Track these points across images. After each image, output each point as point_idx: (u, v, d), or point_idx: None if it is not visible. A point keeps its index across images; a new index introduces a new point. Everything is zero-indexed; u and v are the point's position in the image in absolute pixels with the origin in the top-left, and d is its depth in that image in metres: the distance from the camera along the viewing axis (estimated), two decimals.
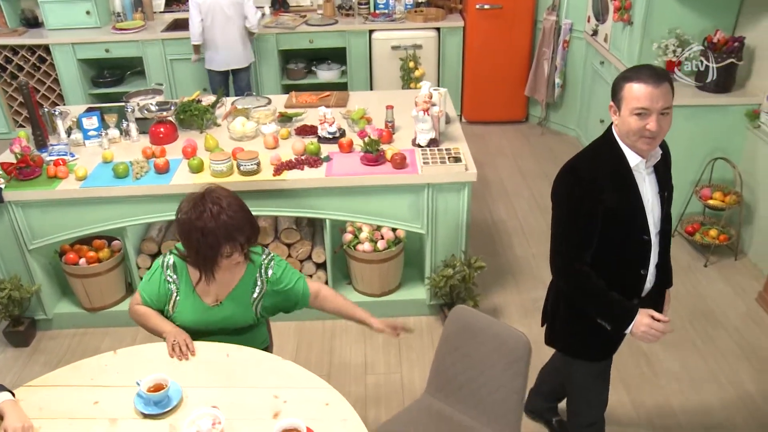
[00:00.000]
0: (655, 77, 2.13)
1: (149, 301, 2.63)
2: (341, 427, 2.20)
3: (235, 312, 2.58)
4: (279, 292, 2.63)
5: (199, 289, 2.57)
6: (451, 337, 2.69)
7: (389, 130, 3.85)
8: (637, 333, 2.32)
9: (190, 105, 4.08)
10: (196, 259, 2.46)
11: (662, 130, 2.20)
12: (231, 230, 2.38)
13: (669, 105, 2.17)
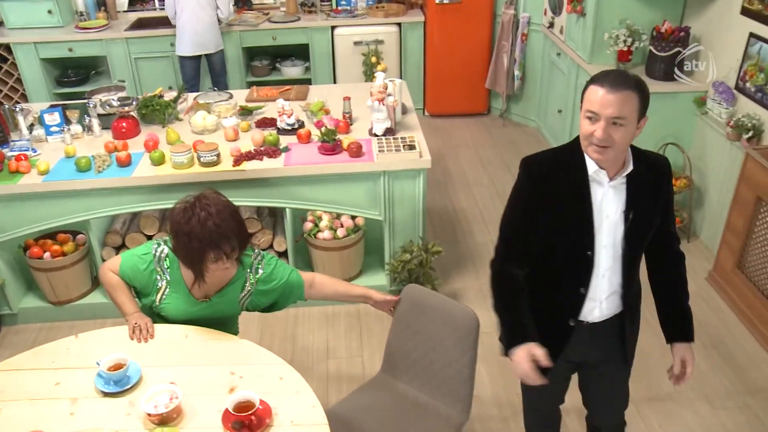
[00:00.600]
0: (615, 83, 1.96)
1: (127, 276, 2.66)
2: (294, 399, 2.30)
3: (222, 308, 2.66)
4: (271, 289, 2.69)
5: (190, 284, 2.62)
6: (404, 315, 2.78)
7: (346, 121, 3.96)
8: (514, 362, 2.19)
9: (152, 100, 4.15)
10: (184, 262, 2.53)
11: (614, 142, 1.99)
12: (216, 238, 2.40)
13: (623, 115, 1.96)
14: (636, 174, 2.13)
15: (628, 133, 2.01)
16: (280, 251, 3.99)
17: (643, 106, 2.03)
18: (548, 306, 2.31)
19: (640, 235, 2.21)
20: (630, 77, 2.02)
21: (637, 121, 2.02)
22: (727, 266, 4.14)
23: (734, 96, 4.26)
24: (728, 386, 3.53)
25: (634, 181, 2.14)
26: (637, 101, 1.99)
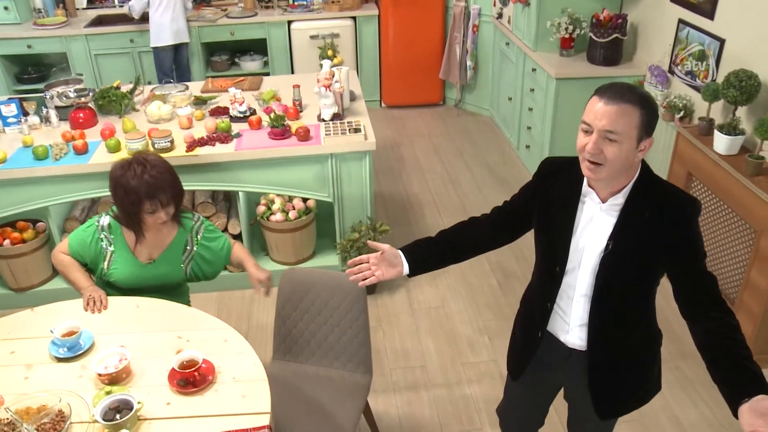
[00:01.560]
0: (615, 94, 1.82)
1: (76, 252, 2.85)
2: (237, 359, 2.46)
3: (166, 270, 2.84)
4: (211, 255, 2.90)
5: (133, 246, 2.81)
6: (288, 300, 2.86)
7: (296, 108, 4.11)
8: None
9: (108, 91, 4.27)
10: (123, 216, 2.72)
11: (605, 159, 1.84)
12: (152, 188, 2.63)
13: (616, 130, 1.81)
14: (636, 204, 1.95)
15: (623, 151, 1.83)
16: (235, 234, 4.14)
17: (647, 124, 1.84)
18: (526, 314, 2.34)
19: (620, 272, 2.00)
20: (635, 91, 1.85)
21: (636, 139, 1.83)
22: None
23: (668, 78, 4.49)
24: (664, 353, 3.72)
25: (630, 210, 1.95)
26: (638, 117, 1.81)
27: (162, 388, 2.34)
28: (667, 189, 1.97)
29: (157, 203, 2.65)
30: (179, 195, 2.77)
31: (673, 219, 1.93)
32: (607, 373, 2.17)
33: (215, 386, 2.34)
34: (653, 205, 1.93)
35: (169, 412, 2.24)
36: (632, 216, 1.95)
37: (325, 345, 2.88)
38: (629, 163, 1.87)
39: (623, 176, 1.92)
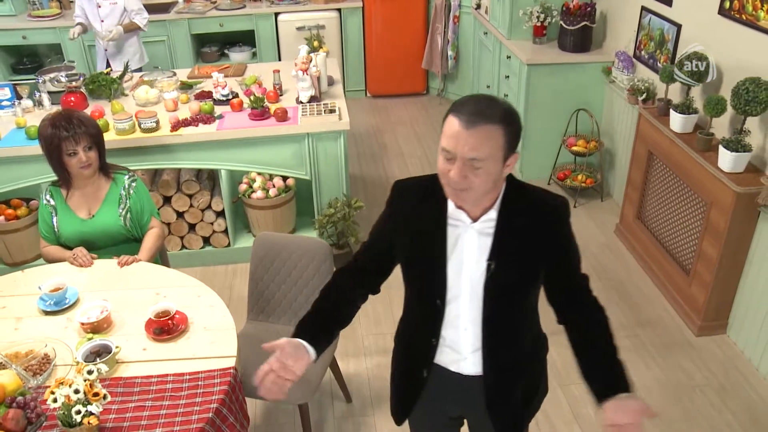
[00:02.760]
0: (474, 115, 1.64)
1: (47, 236, 3.16)
2: (208, 312, 2.68)
3: (106, 223, 3.12)
4: (135, 210, 3.18)
5: (72, 205, 3.11)
6: (261, 262, 3.07)
7: (276, 92, 4.33)
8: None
9: (98, 76, 4.49)
10: (52, 167, 3.04)
11: (471, 186, 1.69)
12: (69, 131, 2.95)
13: (481, 156, 1.64)
14: (509, 217, 1.82)
15: (490, 174, 1.69)
16: (218, 211, 4.35)
17: (511, 140, 1.69)
18: (407, 351, 2.14)
19: (508, 290, 1.87)
20: (495, 106, 1.67)
21: (502, 159, 1.69)
22: (630, 217, 4.58)
23: (633, 63, 4.70)
24: (622, 320, 3.95)
25: (505, 224, 1.82)
26: (502, 137, 1.66)
27: (139, 336, 2.55)
28: (535, 194, 1.88)
29: (73, 143, 2.96)
30: (99, 141, 3.09)
31: (547, 223, 1.84)
32: (504, 392, 2.03)
33: (187, 334, 2.56)
34: (525, 213, 1.83)
35: (145, 356, 2.46)
36: (507, 229, 1.82)
37: (294, 305, 3.09)
38: (494, 184, 1.75)
39: (492, 192, 1.78)
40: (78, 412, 2.01)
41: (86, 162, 3.02)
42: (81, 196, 3.13)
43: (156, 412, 2.22)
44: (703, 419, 3.27)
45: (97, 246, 3.14)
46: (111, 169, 3.20)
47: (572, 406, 3.36)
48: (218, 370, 2.37)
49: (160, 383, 2.34)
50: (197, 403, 2.25)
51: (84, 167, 3.03)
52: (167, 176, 4.27)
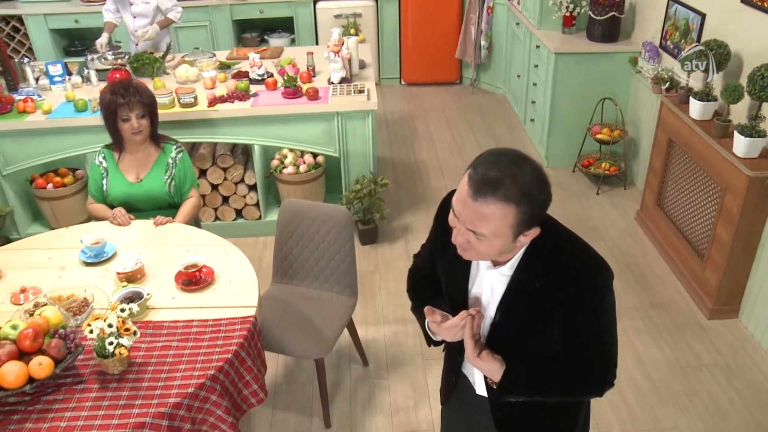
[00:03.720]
0: (485, 185, 1.48)
1: (96, 195, 3.39)
2: (233, 268, 2.89)
3: (152, 188, 3.34)
4: (179, 178, 3.40)
5: (123, 168, 3.34)
6: (286, 227, 3.26)
7: (309, 73, 4.53)
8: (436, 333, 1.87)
9: (142, 55, 4.75)
10: (108, 131, 3.27)
11: (474, 251, 1.61)
12: (125, 98, 3.19)
13: (482, 233, 1.53)
14: (528, 274, 1.68)
15: (494, 247, 1.58)
16: (251, 185, 4.57)
17: (527, 220, 1.53)
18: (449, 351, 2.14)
19: (512, 340, 1.77)
20: (513, 179, 1.48)
21: (512, 236, 1.56)
22: (650, 204, 4.68)
23: (659, 53, 4.78)
24: (636, 302, 4.07)
25: (520, 280, 1.69)
26: (514, 217, 1.51)
27: (169, 286, 2.77)
28: (569, 255, 1.67)
29: (127, 109, 3.20)
30: (153, 111, 3.32)
31: (567, 295, 1.64)
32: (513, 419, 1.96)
33: (213, 286, 2.77)
34: (548, 275, 1.66)
35: (173, 303, 2.68)
36: (521, 287, 1.69)
37: (316, 269, 3.28)
38: (509, 251, 1.64)
39: (507, 257, 1.68)
40: (110, 343, 2.23)
41: (138, 128, 3.25)
42: (131, 160, 3.37)
43: (180, 352, 2.43)
44: (706, 396, 3.38)
45: (140, 208, 3.37)
46: (161, 138, 3.43)
47: None
48: (239, 318, 2.57)
49: (186, 327, 2.55)
50: (218, 345, 2.45)
51: (135, 133, 3.26)
52: (203, 150, 4.50)
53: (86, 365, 2.38)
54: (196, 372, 2.33)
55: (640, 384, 3.45)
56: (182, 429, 2.26)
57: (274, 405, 3.38)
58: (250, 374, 2.51)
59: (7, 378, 2.15)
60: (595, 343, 1.72)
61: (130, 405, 2.22)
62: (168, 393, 2.25)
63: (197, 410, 2.30)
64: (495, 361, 1.75)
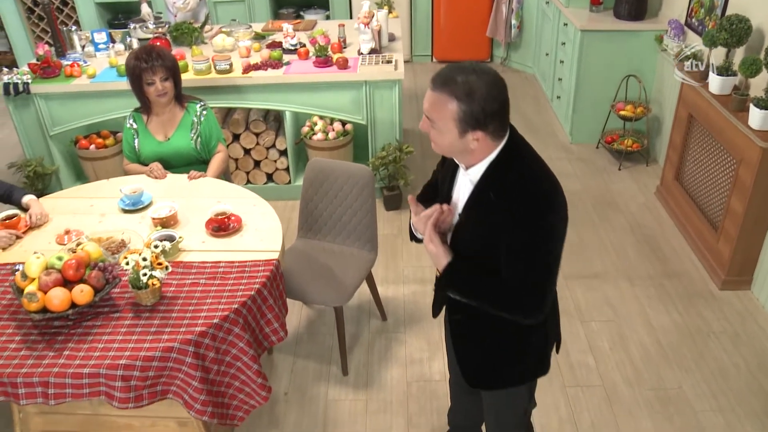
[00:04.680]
0: (438, 80, 1.77)
1: (129, 155, 3.66)
2: (261, 217, 3.09)
3: (179, 145, 3.57)
4: (205, 135, 3.63)
5: (151, 129, 3.58)
6: (311, 184, 3.44)
7: (340, 43, 4.70)
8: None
9: (181, 25, 4.97)
10: (135, 95, 3.51)
11: (432, 138, 1.85)
12: (148, 63, 3.40)
13: (431, 117, 1.80)
14: (487, 184, 1.88)
15: (445, 138, 1.81)
16: (281, 150, 4.77)
17: (466, 119, 1.75)
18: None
19: (467, 244, 1.98)
20: (460, 80, 1.73)
21: (458, 131, 1.78)
22: (669, 179, 4.77)
23: (684, 31, 4.85)
24: (650, 271, 4.18)
25: (481, 188, 1.89)
26: (454, 110, 1.74)
27: (199, 232, 2.99)
28: (522, 174, 1.85)
29: (151, 73, 3.41)
30: (175, 73, 3.54)
31: (513, 210, 1.81)
32: (464, 332, 2.18)
33: (240, 233, 2.97)
34: (501, 190, 1.84)
35: (203, 247, 2.89)
36: (481, 199, 1.89)
37: (339, 224, 3.47)
38: (462, 149, 1.84)
39: (469, 156, 1.87)
40: (144, 274, 2.44)
41: (162, 91, 3.47)
42: (159, 121, 3.59)
43: (207, 289, 2.64)
44: (713, 360, 3.49)
45: (171, 165, 3.60)
46: (186, 99, 3.65)
47: (589, 339, 3.63)
48: (263, 261, 2.77)
49: (213, 268, 2.76)
50: (242, 284, 2.65)
51: (160, 95, 3.48)
52: (237, 115, 4.71)
53: (122, 297, 2.61)
54: (221, 306, 2.53)
55: (648, 346, 3.57)
56: (207, 357, 2.47)
57: (295, 353, 3.58)
58: (272, 312, 2.70)
59: (53, 302, 2.38)
60: (526, 264, 1.85)
61: (160, 332, 2.43)
62: (195, 323, 2.46)
63: (221, 340, 2.50)
64: (443, 249, 1.96)
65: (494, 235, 1.86)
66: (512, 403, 2.32)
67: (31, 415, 2.84)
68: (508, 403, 2.33)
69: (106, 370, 2.30)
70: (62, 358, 2.35)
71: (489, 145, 1.83)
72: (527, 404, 2.36)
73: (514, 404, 2.33)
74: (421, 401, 3.29)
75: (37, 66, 4.50)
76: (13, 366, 2.32)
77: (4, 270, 2.79)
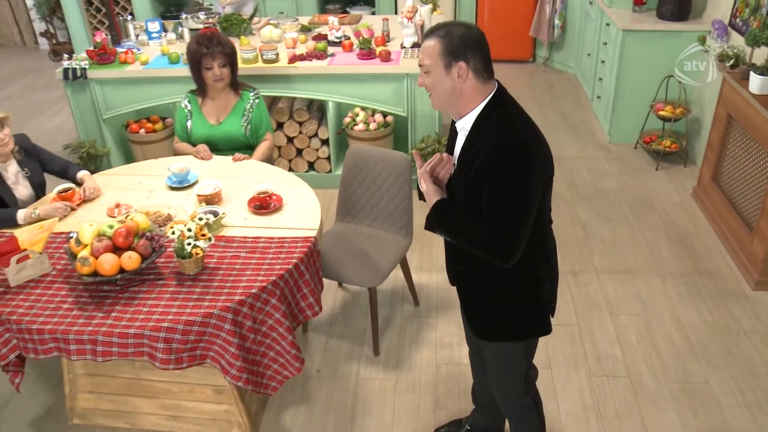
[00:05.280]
0: (426, 35, 2.06)
1: (181, 135, 3.82)
2: (301, 198, 3.22)
3: (230, 130, 3.73)
4: (255, 123, 3.78)
5: (205, 111, 3.74)
6: (351, 170, 3.56)
7: (384, 37, 4.82)
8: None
9: (231, 16, 5.14)
10: (194, 78, 3.67)
11: (428, 88, 2.09)
12: (208, 48, 3.61)
13: (423, 63, 2.05)
14: (475, 134, 2.08)
15: (437, 80, 2.03)
16: (323, 139, 4.91)
17: (449, 50, 2.00)
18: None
19: (461, 194, 2.15)
20: (441, 26, 2.03)
21: (443, 66, 2.01)
22: (706, 179, 4.78)
23: (727, 32, 4.86)
24: (682, 268, 4.21)
25: (471, 137, 2.10)
26: (439, 48, 2.00)
27: (242, 209, 3.13)
28: (502, 125, 2.03)
29: (210, 59, 3.58)
30: (233, 61, 3.70)
31: (488, 156, 1.99)
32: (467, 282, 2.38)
33: (281, 212, 3.11)
34: (485, 137, 2.03)
35: (245, 223, 3.03)
36: (470, 145, 2.09)
37: (376, 210, 3.58)
38: (450, 88, 2.04)
39: (458, 102, 2.07)
40: (189, 244, 2.59)
41: (219, 76, 3.63)
42: (213, 105, 3.76)
43: (247, 262, 2.77)
44: (742, 357, 3.51)
45: (220, 148, 3.76)
46: (240, 86, 3.81)
47: (617, 332, 3.68)
48: (302, 238, 2.90)
49: (254, 242, 2.89)
50: (281, 258, 2.78)
51: (217, 80, 3.64)
52: (282, 104, 4.86)
53: (167, 266, 2.76)
54: (259, 278, 2.66)
55: (676, 341, 3.61)
56: (244, 325, 2.60)
57: (329, 333, 3.71)
58: (308, 287, 2.83)
59: (103, 266, 2.54)
60: (496, 208, 2.02)
61: (201, 300, 2.57)
62: (234, 292, 2.59)
63: (258, 310, 2.63)
64: (434, 188, 2.18)
65: (479, 180, 2.03)
66: (511, 363, 2.46)
67: (79, 375, 3.02)
68: (508, 364, 2.46)
69: (150, 332, 2.45)
70: (110, 319, 2.51)
71: (476, 87, 2.04)
72: (526, 368, 2.49)
73: (512, 365, 2.46)
74: (449, 383, 3.38)
75: (94, 52, 4.71)
76: (65, 324, 2.49)
77: (59, 238, 2.97)
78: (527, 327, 2.36)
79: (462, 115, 2.09)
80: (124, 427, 3.12)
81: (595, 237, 4.50)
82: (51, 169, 3.46)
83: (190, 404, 3.00)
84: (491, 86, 2.07)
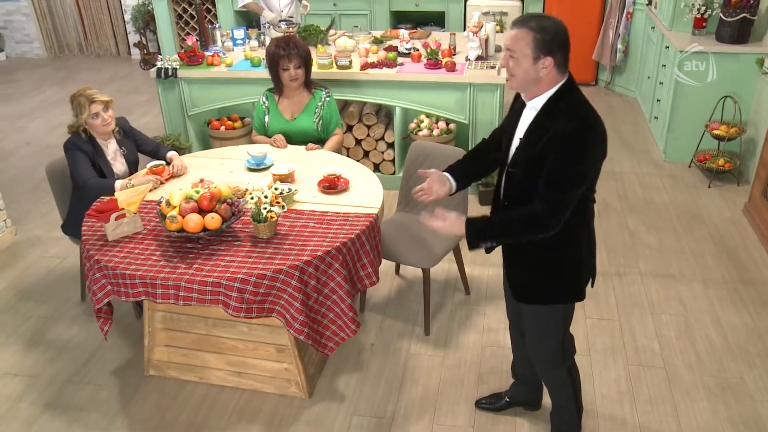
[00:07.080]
0: (516, 21, 2.25)
1: (258, 129, 4.24)
2: (366, 183, 3.56)
3: (304, 125, 4.11)
4: (326, 119, 4.14)
5: (281, 108, 4.13)
6: (413, 163, 3.86)
7: (450, 50, 5.15)
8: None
9: (310, 27, 5.57)
10: (271, 77, 4.07)
11: (512, 71, 2.28)
12: (285, 51, 3.97)
13: (512, 48, 2.23)
14: (546, 114, 2.30)
15: (521, 66, 2.24)
16: (389, 143, 5.25)
17: (540, 45, 2.20)
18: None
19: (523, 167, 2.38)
20: (532, 18, 2.23)
21: (532, 58, 2.21)
22: (757, 195, 4.92)
23: None
24: (726, 276, 4.36)
25: (541, 117, 2.31)
26: (530, 39, 2.19)
27: (312, 188, 3.49)
28: (570, 107, 2.27)
29: (287, 60, 3.96)
30: (308, 63, 4.06)
31: (556, 132, 2.23)
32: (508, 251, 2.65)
33: (347, 193, 3.45)
34: (554, 117, 2.26)
35: (314, 200, 3.39)
36: (540, 122, 2.31)
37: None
38: (534, 76, 2.26)
39: (534, 87, 2.30)
40: (265, 208, 2.95)
41: (294, 76, 4.02)
42: (288, 102, 4.15)
43: (315, 231, 3.12)
44: None
45: (293, 141, 4.14)
46: (313, 85, 4.19)
47: (657, 328, 3.87)
48: (364, 214, 3.23)
49: (321, 216, 3.24)
50: (345, 229, 3.11)
51: (292, 80, 4.03)
52: (353, 108, 5.24)
53: (243, 230, 3.12)
54: (325, 243, 3.00)
55: (714, 340, 3.77)
56: (309, 284, 2.93)
57: (384, 313, 4.01)
58: (367, 258, 3.15)
59: (189, 224, 2.92)
60: (558, 177, 2.26)
61: (272, 258, 2.92)
62: (302, 254, 2.93)
63: (322, 272, 2.96)
64: (449, 218, 2.49)
65: (544, 152, 2.28)
66: (549, 327, 2.69)
67: (158, 329, 3.39)
68: (546, 327, 2.69)
69: (226, 281, 2.81)
70: (192, 269, 2.88)
71: (553, 76, 2.28)
72: (563, 335, 2.72)
73: (551, 329, 2.69)
74: (492, 363, 3.63)
75: (184, 54, 5.19)
76: (153, 272, 2.87)
77: (150, 205, 3.37)
78: (565, 292, 2.60)
79: (534, 96, 2.32)
80: (193, 380, 3.47)
81: (642, 244, 4.69)
82: (144, 149, 3.90)
83: (253, 361, 3.33)
84: (565, 75, 2.32)
